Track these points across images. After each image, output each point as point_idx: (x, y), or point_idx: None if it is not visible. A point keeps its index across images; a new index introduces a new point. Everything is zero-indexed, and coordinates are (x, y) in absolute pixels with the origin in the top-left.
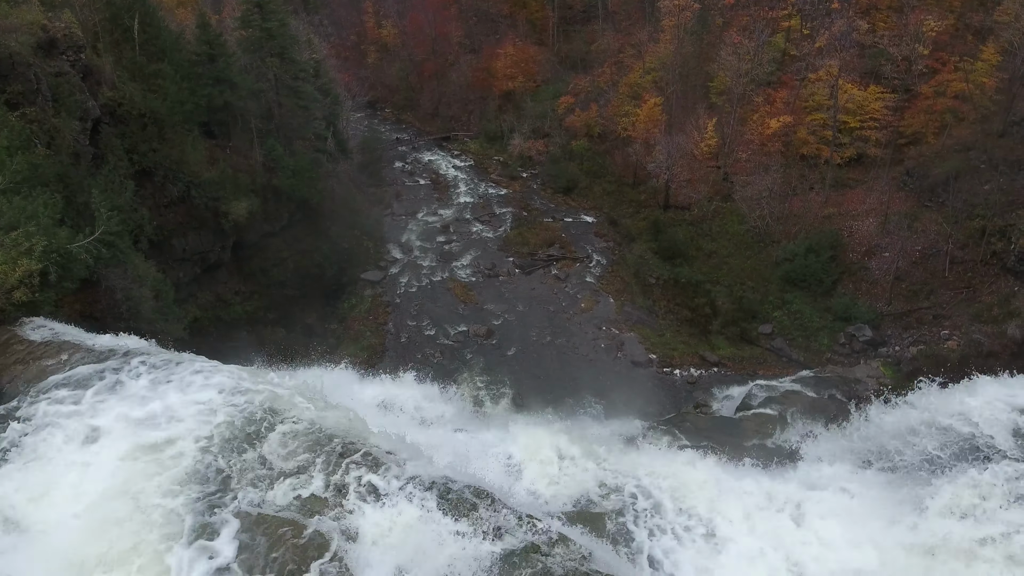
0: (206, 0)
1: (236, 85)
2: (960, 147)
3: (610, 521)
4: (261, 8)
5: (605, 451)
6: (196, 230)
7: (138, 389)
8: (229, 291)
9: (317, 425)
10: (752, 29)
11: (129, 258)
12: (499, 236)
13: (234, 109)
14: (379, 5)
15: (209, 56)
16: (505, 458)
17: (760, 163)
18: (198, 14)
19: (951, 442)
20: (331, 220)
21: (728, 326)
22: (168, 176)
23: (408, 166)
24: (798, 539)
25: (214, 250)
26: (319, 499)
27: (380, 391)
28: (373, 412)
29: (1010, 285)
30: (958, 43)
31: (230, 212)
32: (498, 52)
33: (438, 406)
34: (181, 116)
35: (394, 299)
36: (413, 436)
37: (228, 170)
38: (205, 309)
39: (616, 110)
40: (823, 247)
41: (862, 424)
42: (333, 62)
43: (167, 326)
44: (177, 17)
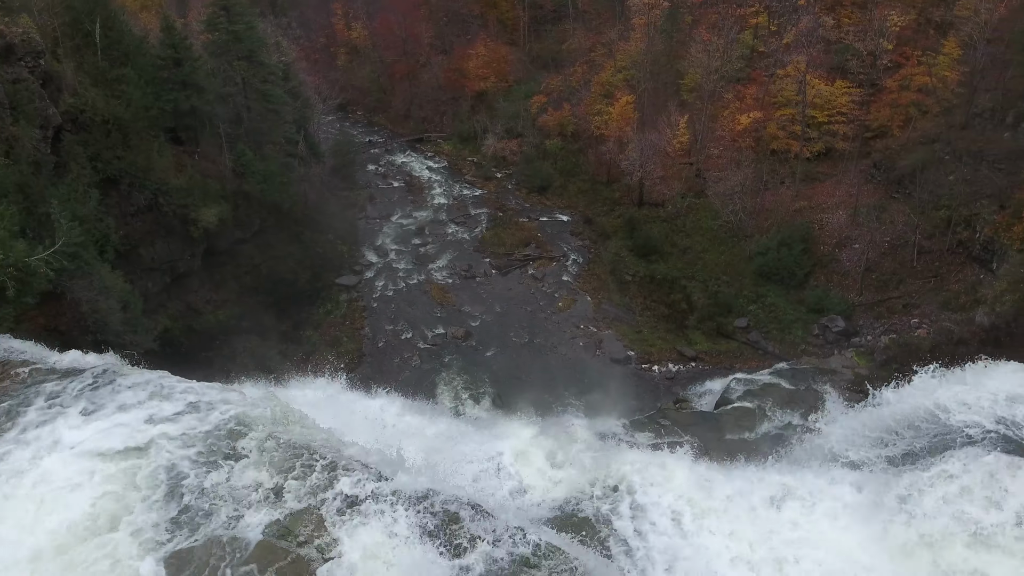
0: (171, 3)
1: (203, 89)
2: (925, 139)
3: (599, 525)
4: (227, 11)
5: (592, 453)
6: (165, 238)
7: (78, 416)
8: (200, 300)
9: (290, 441)
10: (721, 26)
11: (95, 269)
12: (475, 237)
13: (201, 114)
14: (348, 6)
15: (175, 60)
16: (493, 465)
17: (732, 159)
18: (162, 17)
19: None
20: (304, 225)
21: (704, 321)
22: (134, 184)
23: (381, 169)
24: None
25: (184, 258)
26: (296, 520)
27: (360, 400)
28: (354, 422)
29: (976, 273)
30: (921, 38)
31: (199, 219)
32: (469, 52)
33: (420, 415)
34: (146, 122)
35: (370, 303)
36: (396, 445)
37: (196, 176)
38: (176, 319)
39: (589, 109)
40: (795, 240)
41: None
42: (303, 65)
43: (136, 338)
44: (141, 21)
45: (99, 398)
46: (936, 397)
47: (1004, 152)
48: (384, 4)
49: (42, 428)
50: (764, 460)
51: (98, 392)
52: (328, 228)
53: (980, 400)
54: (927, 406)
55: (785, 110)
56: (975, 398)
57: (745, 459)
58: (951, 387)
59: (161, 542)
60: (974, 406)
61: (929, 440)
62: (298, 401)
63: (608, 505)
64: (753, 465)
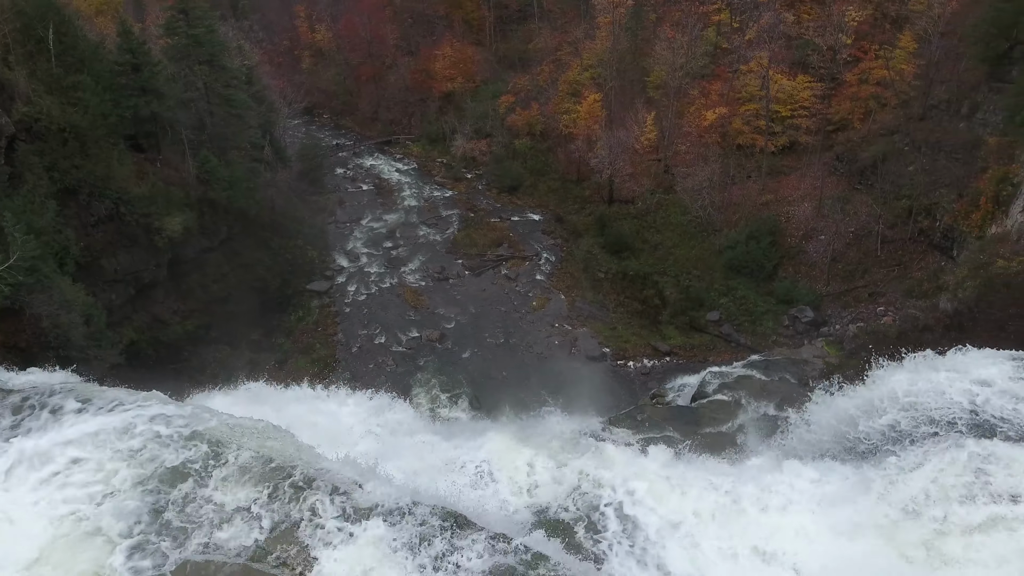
0: (128, 8)
1: (163, 95)
2: (885, 131)
3: (583, 528)
4: (187, 14)
5: (574, 456)
6: (128, 249)
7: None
8: (167, 311)
9: (263, 457)
10: (684, 24)
11: (54, 282)
12: (447, 238)
13: (163, 120)
14: (312, 8)
15: (133, 65)
16: (473, 471)
17: (699, 154)
18: (119, 22)
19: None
20: (272, 231)
21: (677, 315)
22: (94, 193)
23: (350, 172)
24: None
25: (148, 269)
26: (274, 541)
27: (338, 408)
28: (331, 430)
29: (937, 260)
30: (877, 32)
31: (163, 228)
32: (436, 53)
33: (398, 418)
34: (105, 129)
35: (343, 308)
36: (375, 454)
37: (159, 184)
38: (142, 331)
39: (557, 108)
40: (763, 233)
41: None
42: (266, 68)
43: (101, 352)
44: (96, 26)
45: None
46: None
47: (960, 142)
48: (348, 6)
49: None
50: (743, 454)
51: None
52: (297, 233)
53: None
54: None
55: (749, 105)
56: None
57: (724, 453)
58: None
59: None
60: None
61: (908, 428)
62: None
63: (591, 507)
64: (732, 460)
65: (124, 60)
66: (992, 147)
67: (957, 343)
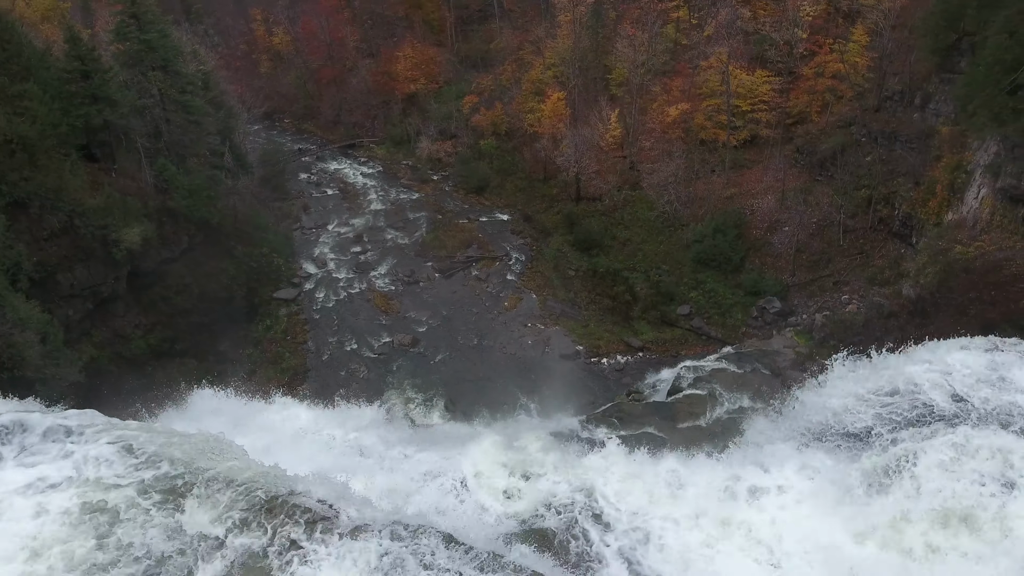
0: (75, 14)
1: (116, 102)
2: (842, 123)
3: (569, 536)
4: (137, 19)
5: (552, 459)
6: (84, 262)
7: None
8: (128, 325)
9: (234, 482)
10: (644, 21)
11: (6, 300)
12: (415, 241)
13: (116, 128)
14: (268, 12)
15: (82, 73)
16: (452, 483)
17: (664, 150)
18: (65, 28)
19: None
20: (236, 239)
21: (648, 311)
22: (45, 206)
23: (314, 177)
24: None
25: (107, 282)
26: (246, 572)
27: (311, 421)
28: (306, 446)
29: (897, 248)
30: (831, 26)
31: (121, 240)
32: (397, 55)
33: (375, 430)
34: (55, 140)
35: (312, 316)
36: (353, 472)
37: (115, 194)
38: (102, 347)
39: (521, 107)
40: (729, 226)
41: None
42: (223, 73)
43: (59, 371)
44: (42, 32)
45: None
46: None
47: (915, 132)
48: (306, 8)
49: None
50: (725, 449)
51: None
52: (262, 241)
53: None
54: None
55: (710, 100)
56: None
57: (705, 449)
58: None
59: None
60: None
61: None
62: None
63: (576, 514)
64: (715, 456)
65: (73, 67)
66: (945, 136)
67: (921, 328)
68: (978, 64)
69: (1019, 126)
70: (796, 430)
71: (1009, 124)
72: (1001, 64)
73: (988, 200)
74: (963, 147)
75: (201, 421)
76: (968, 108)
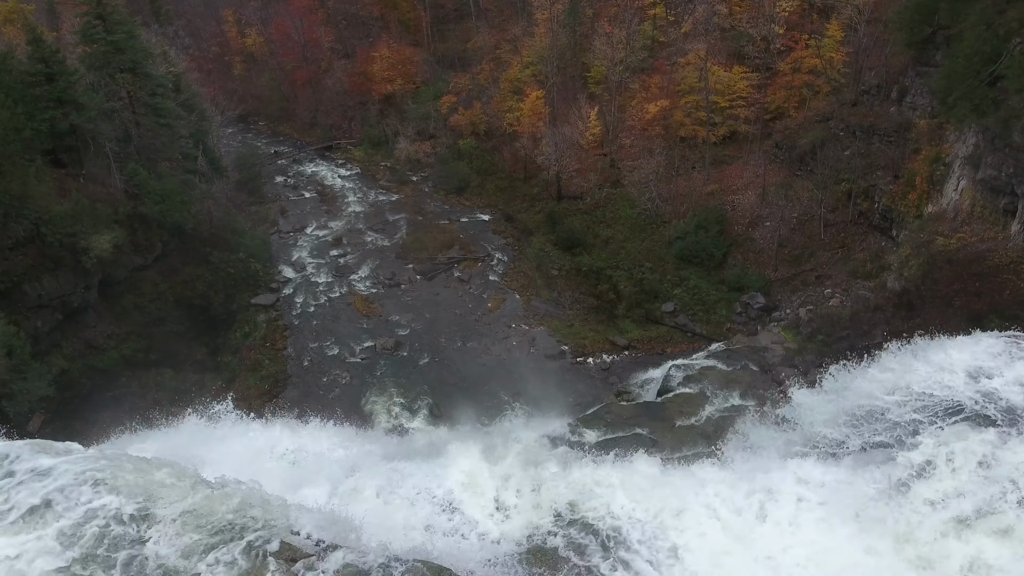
0: (40, 17)
1: (82, 106)
2: (820, 118)
3: (572, 556)
4: (104, 20)
5: (546, 471)
6: (52, 272)
7: None
8: (101, 335)
9: (200, 513)
10: (621, 18)
11: None
12: (396, 243)
13: (83, 133)
14: (240, 13)
15: (46, 75)
16: (442, 503)
17: (644, 147)
18: (28, 30)
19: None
20: (211, 245)
21: (633, 309)
22: (9, 214)
23: (291, 180)
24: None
25: (77, 292)
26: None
27: (288, 439)
28: (283, 468)
29: (878, 241)
30: (806, 22)
31: (91, 247)
32: (373, 55)
33: (360, 445)
34: (18, 145)
35: (291, 321)
36: (336, 493)
37: (83, 201)
38: (73, 359)
39: (499, 106)
40: (710, 223)
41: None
42: (195, 76)
43: (27, 385)
44: (4, 35)
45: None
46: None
47: (893, 125)
48: (278, 9)
49: None
50: (724, 457)
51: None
52: (238, 246)
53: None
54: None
55: (689, 97)
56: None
57: (704, 454)
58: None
59: None
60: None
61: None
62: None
63: (575, 531)
64: (717, 465)
65: (36, 70)
66: (923, 129)
67: (908, 320)
68: (957, 56)
69: (999, 117)
70: (803, 436)
71: (989, 115)
72: (980, 55)
73: (968, 192)
74: (941, 139)
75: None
76: (948, 100)
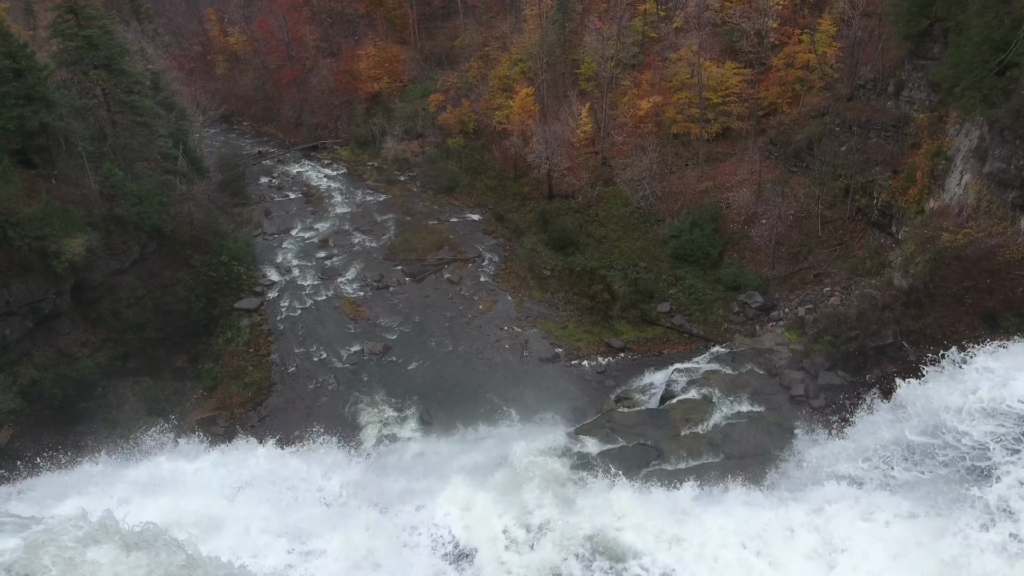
0: (17, 16)
1: (53, 103)
2: (815, 113)
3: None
4: (76, 14)
5: (554, 502)
6: (20, 277)
7: None
8: (74, 343)
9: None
10: (612, 13)
11: None
12: (384, 245)
13: (55, 131)
14: (223, 11)
15: (14, 71)
16: (448, 545)
17: (636, 144)
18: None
19: None
20: (192, 248)
21: (628, 309)
22: None
23: (275, 181)
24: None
25: (48, 298)
26: None
27: (272, 467)
28: (267, 503)
29: (876, 238)
30: (798, 17)
31: (62, 251)
32: (359, 53)
33: (340, 473)
34: None
35: (276, 326)
36: (322, 533)
37: (54, 202)
38: (44, 369)
39: (489, 104)
40: (705, 220)
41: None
42: (176, 75)
43: None
44: None
45: None
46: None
47: (890, 120)
48: (262, 7)
49: None
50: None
51: None
52: (221, 248)
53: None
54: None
55: (681, 94)
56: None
57: (743, 482)
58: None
59: None
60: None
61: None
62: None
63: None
64: (755, 489)
65: (3, 66)
66: (922, 123)
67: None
68: (964, 45)
69: (1010, 107)
70: (860, 454)
71: (999, 105)
72: (989, 43)
73: (974, 186)
74: (941, 133)
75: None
76: (955, 90)
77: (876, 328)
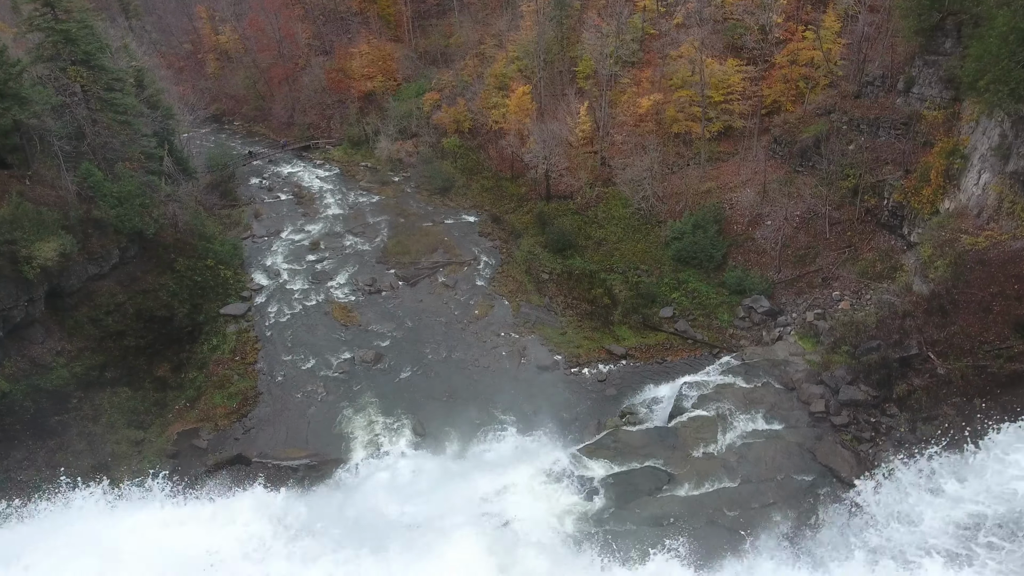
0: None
1: (27, 100)
2: (821, 111)
3: None
4: (53, 7)
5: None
6: None
7: None
8: (48, 352)
9: None
10: (611, 9)
11: None
12: (376, 247)
13: (29, 130)
14: (213, 8)
15: None
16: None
17: (636, 144)
18: None
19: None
20: (177, 251)
21: (629, 314)
22: None
23: (266, 181)
24: None
25: (19, 305)
26: None
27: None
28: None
29: (887, 240)
30: (800, 13)
31: (33, 256)
32: (352, 51)
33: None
34: None
35: (263, 332)
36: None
37: (26, 204)
38: (16, 380)
39: (484, 102)
40: (708, 222)
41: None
42: (165, 73)
43: None
44: None
45: None
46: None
47: (901, 118)
48: (253, 4)
49: None
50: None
51: None
52: (207, 252)
53: None
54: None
55: (682, 92)
56: None
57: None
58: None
59: None
60: None
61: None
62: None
63: None
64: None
65: None
66: (935, 121)
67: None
68: (989, 36)
69: None
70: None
71: None
72: (1017, 33)
73: (995, 186)
74: (955, 131)
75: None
76: (979, 84)
77: (898, 338)
